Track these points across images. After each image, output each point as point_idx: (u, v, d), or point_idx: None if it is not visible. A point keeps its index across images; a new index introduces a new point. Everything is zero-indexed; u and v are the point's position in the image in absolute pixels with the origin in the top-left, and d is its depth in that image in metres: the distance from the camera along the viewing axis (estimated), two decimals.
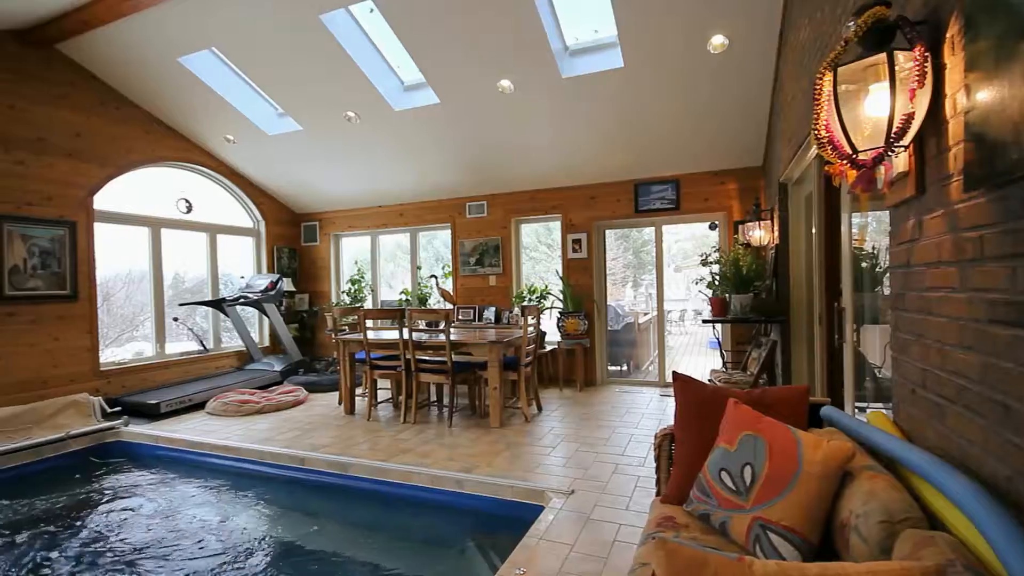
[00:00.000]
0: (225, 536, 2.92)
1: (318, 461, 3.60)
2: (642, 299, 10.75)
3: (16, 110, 4.51)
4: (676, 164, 5.43)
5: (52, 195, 4.73)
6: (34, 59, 4.62)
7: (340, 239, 7.55)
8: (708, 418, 1.68)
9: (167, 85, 5.13)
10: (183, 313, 6.19)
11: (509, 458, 3.50)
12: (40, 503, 3.41)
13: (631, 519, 2.55)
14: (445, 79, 4.61)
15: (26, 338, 4.53)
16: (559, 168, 5.76)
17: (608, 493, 2.87)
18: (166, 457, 4.15)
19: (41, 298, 4.62)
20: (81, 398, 4.64)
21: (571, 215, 6.08)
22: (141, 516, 3.21)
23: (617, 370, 6.64)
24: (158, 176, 5.86)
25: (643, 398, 5.20)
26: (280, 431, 4.32)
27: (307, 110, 5.30)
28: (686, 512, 1.59)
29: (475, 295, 6.52)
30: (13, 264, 4.44)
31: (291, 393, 5.36)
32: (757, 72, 4.06)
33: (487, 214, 6.47)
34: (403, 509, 3.22)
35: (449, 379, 4.34)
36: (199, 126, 5.77)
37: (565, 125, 5.04)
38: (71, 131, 4.88)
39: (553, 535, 2.40)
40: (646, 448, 3.62)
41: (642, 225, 5.97)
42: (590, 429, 4.15)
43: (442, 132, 5.37)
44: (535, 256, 7.11)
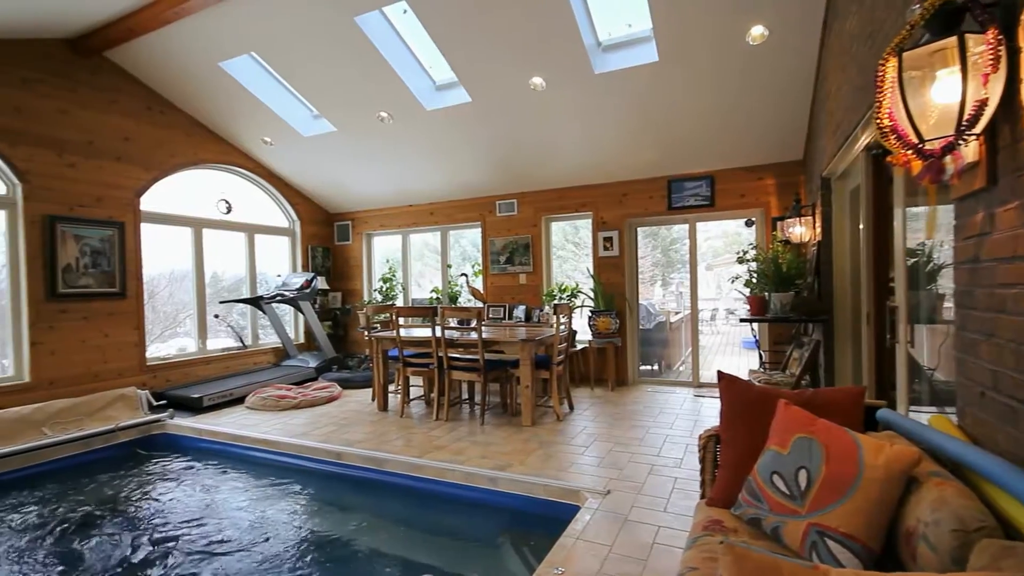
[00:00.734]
0: (265, 526, 3.00)
1: (354, 456, 3.66)
2: (671, 298, 10.58)
3: (68, 115, 4.72)
4: (711, 160, 5.30)
5: (102, 197, 4.94)
6: (84, 66, 4.84)
7: (372, 238, 7.67)
8: (756, 419, 1.63)
9: (208, 89, 5.29)
10: (223, 310, 6.39)
11: (542, 457, 3.48)
12: (92, 492, 3.57)
13: (670, 521, 2.50)
14: (477, 77, 4.62)
15: (79, 334, 4.75)
16: (590, 165, 5.70)
17: (645, 494, 2.82)
18: (209, 449, 4.29)
19: (92, 295, 4.83)
20: (129, 391, 4.84)
21: (602, 213, 6.02)
22: (186, 506, 3.33)
23: (648, 369, 6.55)
24: (200, 178, 6.06)
25: (676, 398, 5.11)
26: (316, 426, 4.41)
27: (341, 111, 5.39)
28: (734, 516, 1.54)
29: (505, 293, 6.52)
30: (66, 263, 4.66)
31: (326, 389, 5.47)
32: (799, 63, 3.93)
33: (517, 212, 6.46)
34: (437, 505, 3.25)
35: (481, 377, 4.35)
36: (238, 129, 5.94)
37: (596, 122, 4.99)
38: (119, 135, 5.09)
39: (590, 535, 2.37)
40: (682, 449, 3.56)
41: (675, 222, 5.86)
42: (623, 429, 4.10)
43: (473, 131, 5.39)
44: (562, 255, 7.07)
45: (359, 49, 4.44)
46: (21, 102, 4.41)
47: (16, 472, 3.76)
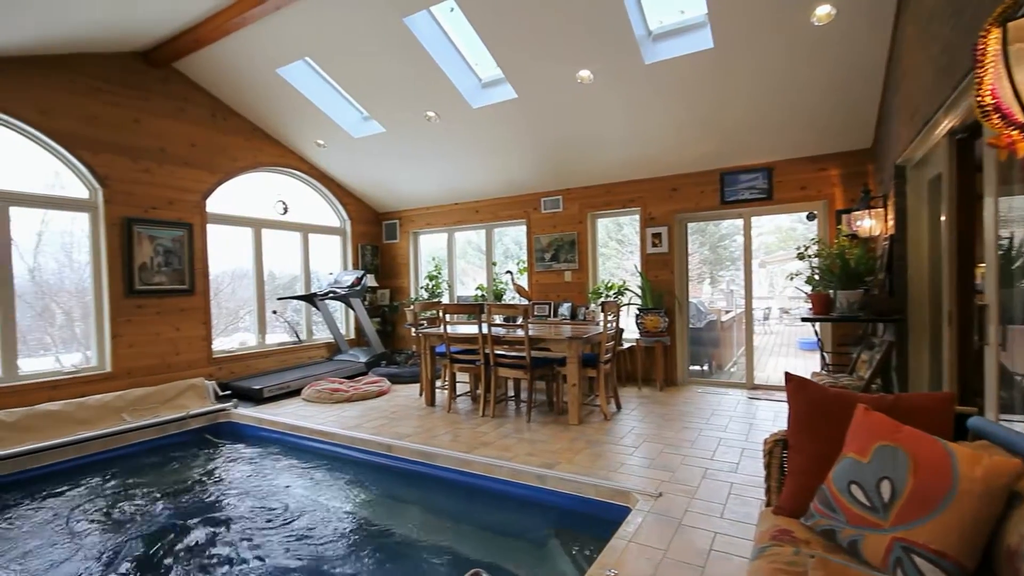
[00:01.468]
0: (320, 512, 3.10)
1: (404, 449, 3.73)
2: (720, 296, 10.22)
3: (142, 124, 5.05)
4: (769, 150, 5.06)
5: (172, 200, 5.26)
6: (155, 77, 5.15)
7: (418, 236, 7.80)
8: (829, 425, 1.53)
9: (266, 96, 5.53)
10: (279, 307, 6.68)
11: (590, 456, 3.43)
12: (167, 474, 3.81)
13: (727, 528, 2.40)
14: (523, 73, 4.60)
15: (153, 328, 5.08)
16: (637, 159, 5.57)
17: (699, 499, 2.72)
18: (269, 438, 4.49)
19: (165, 292, 5.16)
20: (198, 382, 5.14)
21: (650, 208, 5.86)
22: (249, 489, 3.49)
23: (698, 370, 6.34)
24: (259, 180, 6.35)
25: (729, 400, 4.92)
26: (367, 419, 4.53)
27: (390, 112, 5.50)
28: (805, 526, 1.45)
29: (550, 291, 6.48)
30: (141, 262, 4.99)
31: (376, 384, 5.61)
32: (869, 43, 3.67)
33: (562, 209, 6.40)
34: (485, 500, 3.26)
35: (527, 374, 4.33)
36: (293, 133, 6.17)
37: (645, 114, 4.86)
38: (187, 141, 5.40)
39: (642, 539, 2.31)
40: (737, 453, 3.41)
41: (729, 217, 5.63)
42: (673, 430, 3.98)
43: (518, 127, 5.37)
44: (605, 252, 6.95)
45: (407, 50, 4.51)
46: (101, 112, 4.75)
47: (100, 454, 4.06)
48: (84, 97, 4.64)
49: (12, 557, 2.64)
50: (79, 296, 4.89)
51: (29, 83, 4.30)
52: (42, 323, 4.77)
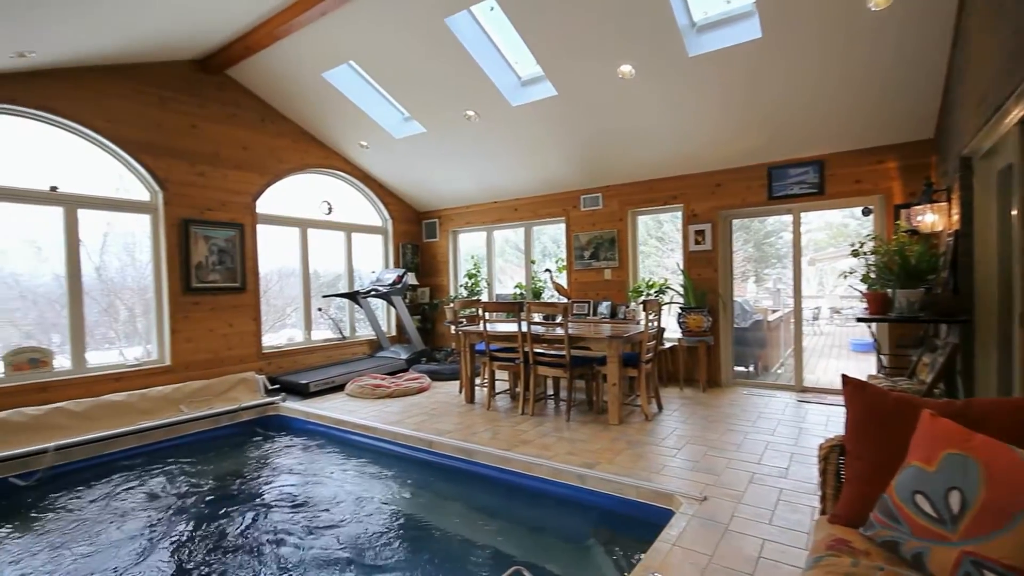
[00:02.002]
0: (364, 504, 3.19)
1: (445, 445, 3.78)
2: (765, 295, 9.88)
3: (198, 129, 5.31)
4: (820, 143, 4.84)
5: (225, 201, 5.51)
6: (210, 84, 5.41)
7: (458, 235, 7.88)
8: (890, 431, 1.45)
9: (312, 100, 5.71)
10: (324, 304, 6.90)
11: (631, 457, 3.38)
12: (221, 463, 4.00)
13: (776, 535, 2.32)
14: (563, 70, 4.57)
15: (208, 323, 5.34)
16: (680, 155, 5.44)
17: (746, 504, 2.64)
18: (315, 431, 4.65)
19: (218, 290, 5.42)
20: (249, 376, 5.37)
21: (693, 205, 5.72)
22: (296, 479, 3.63)
23: (743, 371, 6.15)
24: (305, 181, 6.57)
25: (776, 403, 4.75)
26: (408, 415, 4.62)
27: (430, 112, 5.58)
28: (864, 536, 1.39)
29: (589, 289, 6.43)
30: (197, 261, 5.26)
31: (416, 380, 5.71)
32: (931, 27, 3.46)
33: (602, 206, 6.33)
34: (524, 498, 3.27)
35: (567, 373, 4.31)
36: (338, 135, 6.35)
37: (689, 108, 4.74)
38: (239, 145, 5.65)
39: (687, 542, 2.26)
40: (786, 458, 3.29)
41: (777, 213, 5.43)
42: (718, 432, 3.87)
43: (558, 125, 5.34)
44: (644, 250, 6.83)
45: (448, 50, 4.56)
46: (161, 119, 5.02)
47: (159, 443, 4.31)
48: (149, 106, 4.92)
49: (85, 534, 2.84)
50: (140, 293, 5.19)
51: (99, 93, 4.60)
52: (107, 318, 5.10)
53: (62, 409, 4.16)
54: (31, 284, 4.58)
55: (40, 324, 4.66)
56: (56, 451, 3.76)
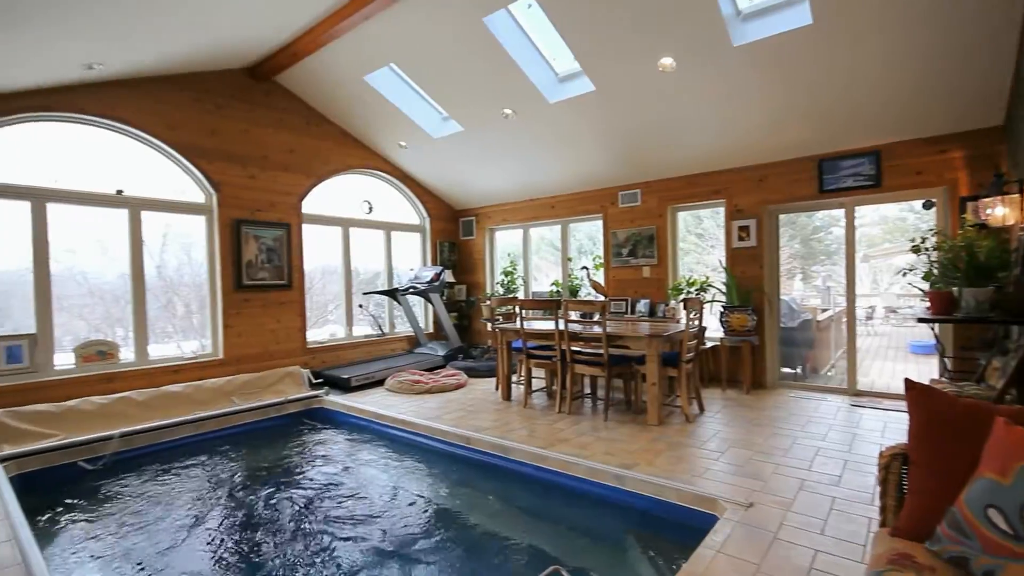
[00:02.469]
0: (402, 496, 3.25)
1: (482, 442, 3.81)
2: (812, 293, 9.46)
3: (249, 134, 5.53)
4: (876, 132, 4.59)
5: (274, 202, 5.73)
6: (260, 90, 5.63)
7: (494, 233, 7.91)
8: (959, 439, 1.35)
9: (354, 102, 5.85)
10: (364, 301, 7.07)
11: (672, 459, 3.31)
12: (269, 452, 4.17)
13: (829, 546, 2.21)
14: (602, 65, 4.50)
15: (257, 319, 5.57)
16: (723, 149, 5.27)
17: (796, 512, 2.53)
18: (356, 424, 4.78)
19: (267, 287, 5.64)
20: (294, 370, 5.57)
21: (737, 200, 5.53)
22: (339, 470, 3.74)
23: (790, 373, 5.91)
24: (347, 182, 6.75)
25: (827, 407, 4.53)
26: (446, 410, 4.67)
27: (468, 111, 5.62)
28: (929, 551, 1.30)
29: (627, 287, 6.32)
30: (248, 259, 5.49)
31: (453, 377, 5.77)
32: (999, 4, 3.20)
33: (640, 202, 6.21)
34: (561, 497, 3.25)
35: (605, 372, 4.26)
36: (378, 136, 6.49)
37: (733, 100, 4.58)
38: (286, 148, 5.85)
39: (732, 550, 2.19)
40: (839, 465, 3.14)
41: (828, 207, 5.18)
42: (763, 436, 3.73)
43: (596, 121, 5.27)
44: (683, 247, 6.66)
45: (486, 49, 4.57)
46: (216, 124, 5.26)
47: (213, 433, 4.52)
48: (204, 113, 5.17)
49: (145, 515, 3.01)
50: (196, 290, 5.47)
51: (160, 101, 4.86)
52: (166, 314, 5.39)
53: (126, 399, 4.43)
54: (98, 281, 4.90)
55: (106, 318, 4.97)
56: (121, 438, 4.00)
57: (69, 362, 4.49)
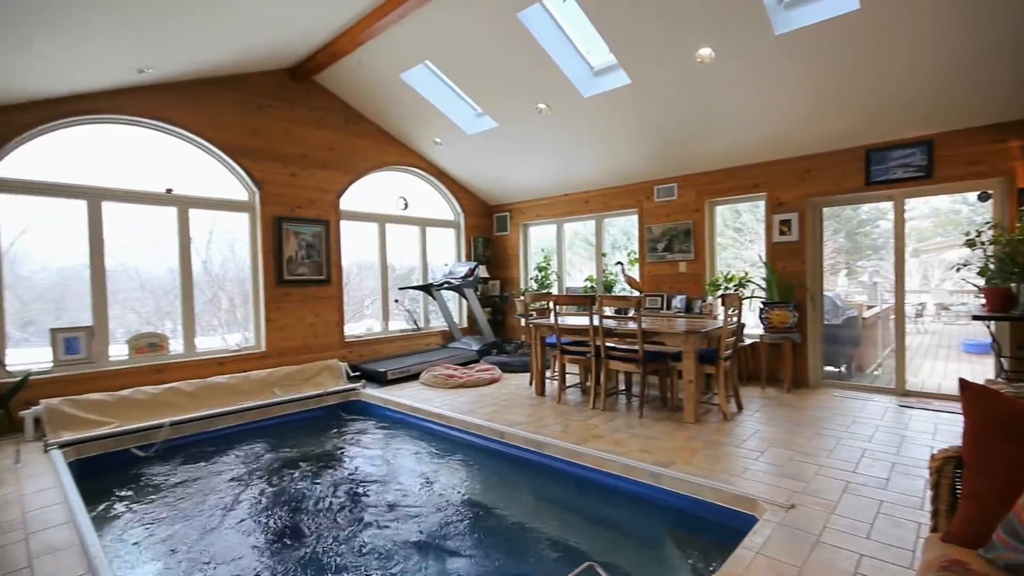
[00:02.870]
0: (437, 487, 3.31)
1: (516, 437, 3.83)
2: (858, 289, 9.09)
3: (290, 133, 5.70)
4: (928, 121, 4.36)
5: (313, 200, 5.90)
6: (300, 90, 5.78)
7: (528, 228, 7.92)
8: (1018, 442, 1.29)
9: (391, 100, 5.94)
10: (399, 296, 7.20)
11: (709, 458, 3.25)
12: (309, 442, 4.31)
13: (875, 551, 2.14)
14: (638, 57, 4.43)
15: (297, 313, 5.76)
16: (764, 141, 5.11)
17: (840, 515, 2.46)
18: (392, 417, 4.88)
19: (306, 282, 5.82)
20: (333, 363, 5.74)
21: (778, 192, 5.36)
22: (376, 460, 3.84)
23: (834, 371, 5.70)
24: (383, 179, 6.87)
25: (874, 407, 4.37)
26: (480, 405, 4.72)
27: (502, 107, 5.63)
28: (983, 558, 1.25)
29: (663, 282, 6.23)
30: (288, 255, 5.67)
31: (487, 371, 5.82)
32: None
33: (677, 196, 6.09)
34: (595, 494, 3.24)
35: (640, 368, 4.22)
36: (414, 133, 6.58)
37: (775, 90, 4.43)
38: (325, 146, 6.01)
39: (772, 552, 2.15)
40: (886, 468, 3.03)
41: (876, 199, 4.96)
42: (805, 436, 3.63)
43: (631, 114, 5.20)
44: (720, 242, 6.51)
45: (521, 44, 4.57)
46: (258, 124, 5.45)
47: (256, 423, 4.71)
48: (248, 113, 5.36)
49: (193, 499, 3.17)
50: (240, 285, 5.69)
51: (206, 103, 5.06)
52: (211, 308, 5.63)
53: (175, 389, 4.66)
54: (149, 276, 5.16)
55: (156, 312, 5.24)
56: (171, 426, 4.22)
57: (123, 353, 4.75)
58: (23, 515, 2.68)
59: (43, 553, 2.30)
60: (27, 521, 2.61)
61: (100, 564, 2.14)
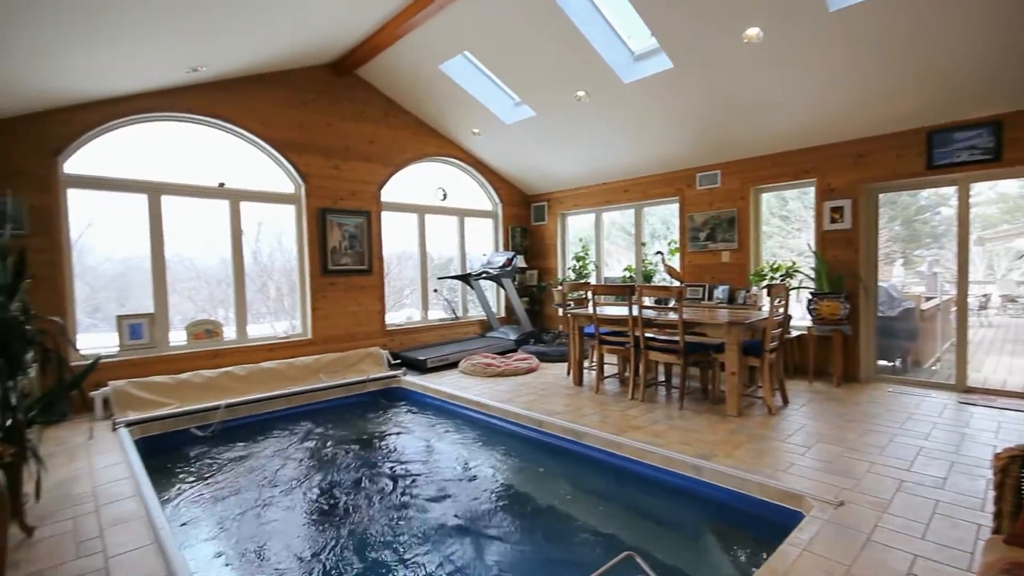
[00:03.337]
0: (476, 472, 3.38)
1: (554, 426, 3.85)
2: (914, 279, 8.59)
3: (332, 127, 5.85)
4: (997, 100, 4.06)
5: (355, 191, 6.04)
6: (342, 85, 5.91)
7: (566, 218, 7.87)
8: None
9: (430, 91, 6.00)
10: (439, 285, 7.31)
11: (752, 452, 3.18)
12: (352, 425, 4.47)
13: (931, 552, 2.06)
14: (681, 40, 4.30)
15: (340, 302, 5.94)
16: (815, 124, 4.88)
17: (892, 514, 2.37)
18: (432, 404, 5.00)
19: (349, 272, 5.99)
20: (374, 351, 5.90)
21: (829, 178, 5.12)
22: (415, 444, 3.95)
23: (888, 365, 5.44)
24: (422, 170, 6.96)
25: (931, 404, 4.15)
26: (518, 394, 4.76)
27: (540, 96, 5.59)
28: None
29: (704, 272, 6.08)
30: (332, 246, 5.84)
31: (525, 361, 5.86)
32: None
33: (720, 184, 5.91)
34: (633, 484, 3.23)
35: (680, 359, 4.15)
36: (452, 124, 6.62)
37: (827, 70, 4.22)
38: (366, 139, 6.13)
39: (819, 549, 2.09)
40: (944, 467, 2.88)
41: (938, 184, 4.67)
42: (856, 432, 3.49)
43: (673, 100, 5.06)
44: (766, 231, 6.28)
45: (559, 31, 4.51)
46: (303, 119, 5.61)
47: (303, 406, 4.91)
48: (293, 108, 5.53)
49: (249, 475, 3.35)
50: (287, 275, 5.91)
51: (254, 99, 5.25)
52: (260, 296, 5.87)
53: (230, 373, 4.91)
54: (203, 266, 5.43)
55: (210, 300, 5.51)
56: (226, 408, 4.45)
57: (181, 339, 5.03)
58: (94, 488, 2.90)
59: (113, 524, 2.48)
60: (97, 494, 2.82)
61: (165, 535, 2.30)
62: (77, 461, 3.31)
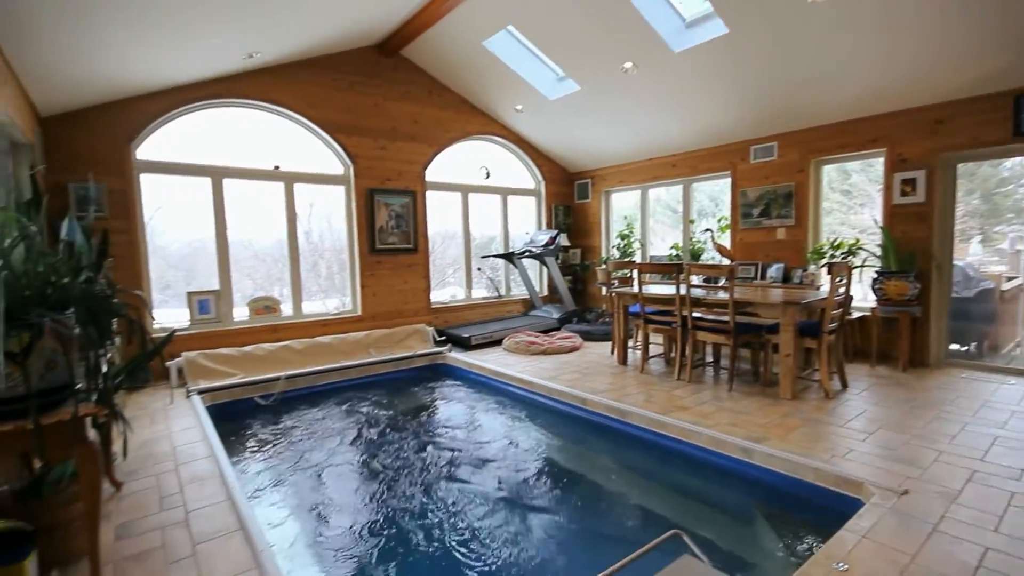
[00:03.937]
0: (519, 448, 3.43)
1: (598, 404, 3.84)
2: (994, 258, 7.89)
3: (379, 108, 5.92)
4: None
5: (401, 171, 6.13)
6: (387, 65, 5.95)
7: (610, 195, 7.69)
8: None
9: (472, 69, 5.95)
10: (482, 264, 7.36)
11: (807, 436, 3.06)
12: (401, 399, 4.62)
13: (1003, 545, 1.93)
14: (737, 1, 4.05)
15: (388, 280, 6.10)
16: (885, 89, 4.51)
17: (962, 505, 2.23)
18: (476, 380, 5.08)
19: (396, 251, 6.12)
20: (421, 327, 6.04)
21: (901, 148, 4.75)
22: (461, 418, 4.04)
23: (961, 350, 5.07)
24: (466, 148, 6.96)
25: (1008, 391, 3.85)
26: (561, 372, 4.77)
27: (585, 69, 5.43)
28: None
29: (757, 250, 5.82)
30: (380, 225, 5.97)
31: (568, 339, 5.84)
32: None
33: (776, 156, 5.60)
34: (679, 465, 3.19)
35: (730, 340, 4.02)
36: (495, 101, 6.56)
37: (902, 29, 3.86)
38: (411, 119, 6.18)
39: (880, 537, 2.00)
40: (1023, 458, 2.68)
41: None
42: (923, 420, 3.29)
43: (727, 68, 4.79)
44: (825, 206, 5.91)
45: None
46: (351, 101, 5.71)
47: (355, 380, 5.11)
48: (341, 91, 5.63)
49: (308, 442, 3.54)
50: (336, 254, 6.10)
51: (305, 83, 5.38)
52: (313, 275, 6.09)
53: (288, 347, 5.16)
54: (261, 246, 5.68)
55: (267, 278, 5.77)
56: (287, 379, 4.70)
57: (244, 315, 5.31)
58: (173, 449, 3.14)
59: (191, 481, 2.69)
60: (177, 454, 3.07)
61: (236, 493, 2.48)
62: (157, 424, 3.60)
